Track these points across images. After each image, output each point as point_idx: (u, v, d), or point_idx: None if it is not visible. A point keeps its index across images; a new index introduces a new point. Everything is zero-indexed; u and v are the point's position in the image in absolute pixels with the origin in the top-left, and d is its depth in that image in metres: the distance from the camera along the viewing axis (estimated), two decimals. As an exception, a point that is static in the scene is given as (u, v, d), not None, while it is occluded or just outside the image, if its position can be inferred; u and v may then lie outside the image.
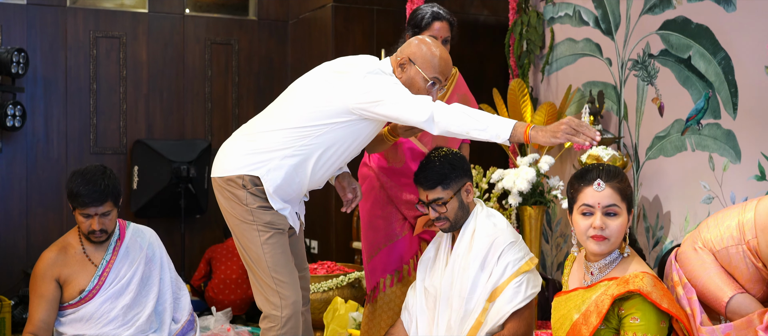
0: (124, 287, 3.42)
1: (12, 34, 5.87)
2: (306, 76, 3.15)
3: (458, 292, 3.06)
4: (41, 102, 5.95)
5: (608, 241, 2.51)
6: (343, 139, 3.03)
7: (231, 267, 5.75)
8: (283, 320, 3.04)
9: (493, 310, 2.99)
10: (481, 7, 6.21)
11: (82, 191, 3.29)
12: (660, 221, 4.44)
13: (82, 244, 3.43)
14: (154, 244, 3.57)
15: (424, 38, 3.14)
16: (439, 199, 3.12)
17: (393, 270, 3.62)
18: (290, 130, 3.01)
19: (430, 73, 3.06)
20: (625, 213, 2.53)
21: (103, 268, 3.41)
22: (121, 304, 3.40)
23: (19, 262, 5.86)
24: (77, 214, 3.35)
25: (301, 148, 3.00)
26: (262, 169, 3.01)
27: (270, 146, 3.02)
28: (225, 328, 4.74)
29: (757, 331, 2.35)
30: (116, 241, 3.47)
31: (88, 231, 3.36)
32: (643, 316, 2.40)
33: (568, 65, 5.14)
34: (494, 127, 2.81)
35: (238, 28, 6.48)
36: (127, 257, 3.46)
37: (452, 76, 3.72)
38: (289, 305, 3.04)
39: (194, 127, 6.37)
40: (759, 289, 2.47)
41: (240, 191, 3.04)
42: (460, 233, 3.15)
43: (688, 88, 4.26)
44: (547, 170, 4.76)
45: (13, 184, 5.90)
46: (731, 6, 4.00)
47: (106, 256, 3.43)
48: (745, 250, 2.44)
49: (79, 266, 3.40)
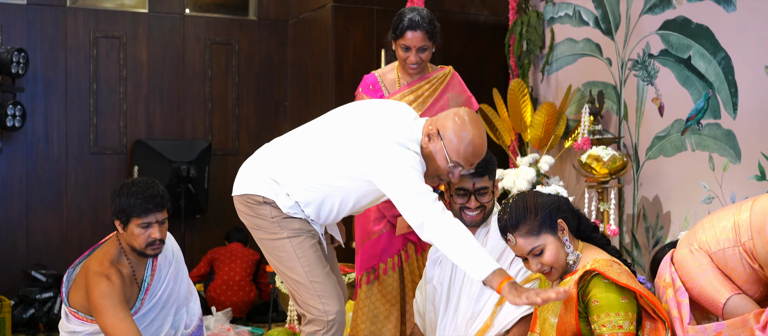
0: (154, 305, 3.29)
1: (12, 34, 5.87)
2: (344, 113, 3.04)
3: (467, 293, 3.04)
4: (41, 102, 5.95)
5: (555, 270, 2.58)
6: (364, 192, 2.94)
7: (234, 269, 5.76)
8: (328, 325, 2.95)
9: (501, 315, 2.97)
10: (481, 7, 6.20)
11: (140, 199, 3.13)
12: (660, 221, 4.44)
13: (129, 262, 3.25)
14: (178, 257, 3.42)
15: (462, 114, 2.87)
16: (485, 188, 3.04)
17: (369, 267, 3.61)
18: (312, 171, 2.93)
19: (453, 157, 2.84)
20: (549, 238, 2.56)
21: (146, 288, 3.27)
22: (147, 321, 3.28)
23: (19, 262, 5.86)
24: (134, 227, 3.14)
25: (320, 189, 2.93)
26: (279, 198, 2.95)
27: (289, 180, 2.95)
28: (225, 328, 4.74)
29: (753, 330, 2.35)
30: (152, 259, 3.31)
31: (146, 242, 3.17)
32: (601, 294, 2.42)
33: (568, 65, 5.14)
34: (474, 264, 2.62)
35: (238, 28, 6.48)
36: (160, 275, 3.32)
37: (445, 75, 3.70)
38: (334, 310, 2.94)
39: (194, 127, 6.37)
40: (756, 290, 2.47)
41: (262, 208, 2.97)
42: (476, 233, 3.12)
43: (688, 88, 4.26)
44: (547, 170, 4.76)
45: (13, 184, 5.90)
46: (731, 6, 4.00)
47: (145, 276, 3.28)
48: (741, 252, 2.44)
49: (130, 288, 3.23)
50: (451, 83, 3.70)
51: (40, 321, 5.48)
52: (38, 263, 5.83)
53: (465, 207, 3.05)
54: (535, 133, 4.86)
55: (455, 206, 3.08)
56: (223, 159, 6.41)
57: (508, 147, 5.17)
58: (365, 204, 3.04)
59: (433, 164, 2.86)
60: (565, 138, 5.00)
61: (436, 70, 3.70)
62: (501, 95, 5.12)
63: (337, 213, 3.01)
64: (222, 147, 6.43)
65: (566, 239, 2.57)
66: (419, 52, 3.54)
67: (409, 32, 3.51)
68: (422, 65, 3.61)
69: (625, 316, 2.40)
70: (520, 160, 4.81)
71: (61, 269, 5.80)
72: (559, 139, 4.96)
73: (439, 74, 3.68)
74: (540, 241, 2.56)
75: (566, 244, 2.58)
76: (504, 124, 5.10)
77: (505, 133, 5.12)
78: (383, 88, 3.71)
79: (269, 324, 5.28)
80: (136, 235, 3.16)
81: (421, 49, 3.54)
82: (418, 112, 3.57)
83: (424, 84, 3.66)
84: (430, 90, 3.66)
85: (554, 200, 2.62)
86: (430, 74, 3.67)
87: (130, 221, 3.15)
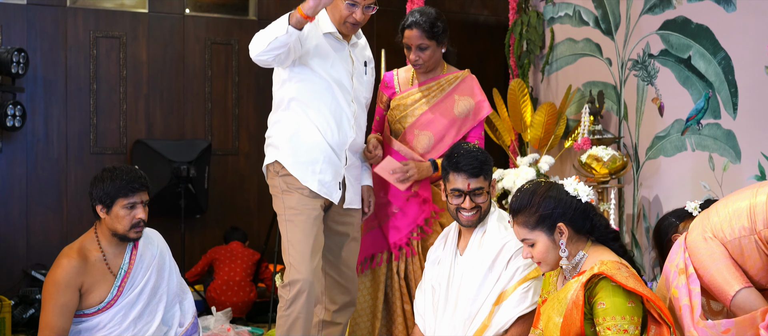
0: (137, 296, 3.31)
1: (12, 34, 5.87)
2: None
3: (465, 292, 3.04)
4: (41, 102, 5.95)
5: (544, 264, 2.64)
6: (312, 90, 3.40)
7: (234, 269, 5.75)
8: (287, 302, 3.31)
9: (499, 314, 2.97)
10: (481, 7, 6.20)
11: (125, 179, 3.22)
12: (660, 221, 4.44)
13: (101, 250, 3.30)
14: (164, 251, 3.47)
15: None
16: (480, 189, 3.08)
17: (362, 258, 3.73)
18: (274, 108, 3.50)
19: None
20: (542, 237, 2.60)
21: (122, 278, 3.30)
22: (133, 313, 3.30)
23: (19, 262, 5.86)
24: (119, 209, 3.22)
25: (288, 116, 3.42)
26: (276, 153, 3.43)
27: (270, 130, 3.50)
28: (225, 328, 4.74)
29: (758, 328, 2.34)
30: (132, 248, 3.36)
31: (131, 224, 3.24)
32: (607, 298, 2.42)
33: (568, 65, 5.14)
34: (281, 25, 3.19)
35: (238, 28, 6.48)
36: (142, 265, 3.35)
37: (455, 77, 3.77)
38: (295, 287, 3.31)
39: (194, 127, 6.37)
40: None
41: (273, 180, 3.46)
42: (472, 234, 3.13)
43: (688, 88, 4.26)
44: (547, 170, 4.76)
45: (13, 184, 5.89)
46: (731, 6, 4.00)
47: (123, 264, 3.32)
48: (757, 241, 2.41)
49: (99, 275, 3.27)
50: (460, 86, 3.76)
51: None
52: (38, 263, 5.82)
53: (461, 207, 3.09)
54: (535, 133, 4.86)
55: (451, 207, 3.13)
56: (223, 159, 6.41)
57: (508, 147, 5.17)
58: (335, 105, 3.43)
59: (338, 12, 3.39)
60: (565, 138, 5.01)
61: (451, 72, 3.78)
62: (501, 95, 5.12)
63: (326, 125, 3.41)
64: (222, 147, 6.43)
65: (562, 243, 2.57)
66: (419, 50, 3.65)
67: (407, 30, 3.66)
68: (427, 65, 3.69)
69: (630, 321, 2.40)
70: (520, 160, 4.81)
71: (61, 269, 5.81)
72: (559, 139, 4.97)
73: (451, 76, 3.77)
74: (532, 235, 2.60)
75: (561, 247, 2.58)
76: (504, 124, 5.10)
77: (505, 133, 5.12)
78: (396, 85, 3.86)
79: (269, 324, 5.28)
80: (120, 216, 3.24)
81: (420, 47, 3.64)
82: (423, 109, 3.74)
83: (433, 84, 3.76)
84: (438, 90, 3.75)
85: (563, 203, 2.60)
86: (443, 75, 3.77)
87: (114, 203, 3.24)
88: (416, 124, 3.73)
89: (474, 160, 3.07)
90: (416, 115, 3.73)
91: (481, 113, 3.74)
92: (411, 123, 3.73)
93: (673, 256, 2.61)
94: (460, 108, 3.71)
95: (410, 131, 3.73)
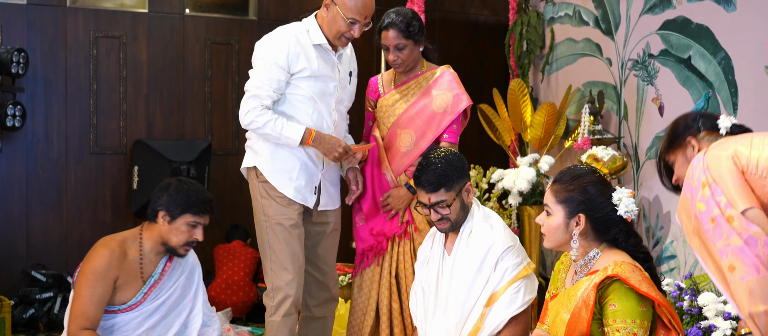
0: (157, 307, 3.27)
1: (12, 34, 5.87)
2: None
3: (455, 295, 3.04)
4: (41, 102, 5.95)
5: (547, 237, 2.65)
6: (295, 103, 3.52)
7: (234, 269, 5.76)
8: (272, 309, 3.48)
9: (491, 316, 2.97)
10: (481, 7, 6.20)
11: (200, 199, 3.21)
12: (660, 221, 4.44)
13: (141, 252, 3.26)
14: (194, 266, 3.42)
15: None
16: (443, 202, 3.07)
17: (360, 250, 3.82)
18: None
19: (348, 14, 3.42)
20: (559, 213, 2.59)
21: (151, 286, 3.26)
22: (149, 323, 3.26)
23: (19, 262, 5.86)
24: (182, 223, 3.19)
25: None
26: (255, 158, 3.56)
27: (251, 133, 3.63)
28: (225, 327, 4.74)
29: None
30: (167, 260, 3.33)
31: (186, 241, 3.22)
32: (620, 300, 2.41)
33: (568, 65, 5.14)
34: (291, 134, 3.43)
35: (238, 28, 6.48)
36: (171, 278, 3.31)
37: (432, 74, 3.80)
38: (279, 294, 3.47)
39: (194, 127, 6.37)
40: None
41: (253, 182, 3.60)
42: (458, 234, 3.13)
43: (688, 88, 4.26)
44: (547, 170, 4.76)
45: (13, 184, 5.89)
46: (731, 6, 4.00)
47: (155, 273, 3.28)
48: None
49: (131, 275, 3.22)
50: (437, 80, 3.78)
51: (40, 321, 5.49)
52: (38, 263, 5.83)
53: (430, 218, 3.18)
54: (535, 133, 4.86)
55: (426, 217, 3.34)
56: (223, 159, 6.41)
57: (508, 147, 5.17)
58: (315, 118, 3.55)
59: (336, 27, 3.45)
60: (565, 138, 5.01)
61: (430, 70, 3.80)
62: (501, 95, 5.12)
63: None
64: (222, 147, 6.43)
65: (575, 233, 2.57)
66: (397, 50, 3.67)
67: (384, 31, 3.68)
68: (406, 64, 3.72)
69: (640, 325, 2.40)
70: (520, 160, 4.81)
71: (61, 269, 5.81)
72: (559, 139, 4.97)
73: (428, 74, 3.79)
74: (554, 208, 2.61)
75: (574, 237, 2.57)
76: (504, 124, 5.10)
77: (505, 133, 5.12)
78: (380, 88, 3.88)
79: (269, 324, 5.29)
80: (180, 231, 3.21)
81: (397, 47, 3.67)
82: (401, 108, 3.79)
83: (412, 83, 3.79)
84: (416, 87, 3.78)
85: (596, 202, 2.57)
86: (421, 73, 3.79)
87: (181, 216, 3.20)
88: (397, 123, 3.77)
89: (432, 175, 3.06)
90: (397, 115, 3.77)
91: (460, 106, 3.72)
92: (393, 123, 3.78)
93: (691, 172, 2.43)
94: (438, 103, 3.73)
95: (393, 131, 3.77)
